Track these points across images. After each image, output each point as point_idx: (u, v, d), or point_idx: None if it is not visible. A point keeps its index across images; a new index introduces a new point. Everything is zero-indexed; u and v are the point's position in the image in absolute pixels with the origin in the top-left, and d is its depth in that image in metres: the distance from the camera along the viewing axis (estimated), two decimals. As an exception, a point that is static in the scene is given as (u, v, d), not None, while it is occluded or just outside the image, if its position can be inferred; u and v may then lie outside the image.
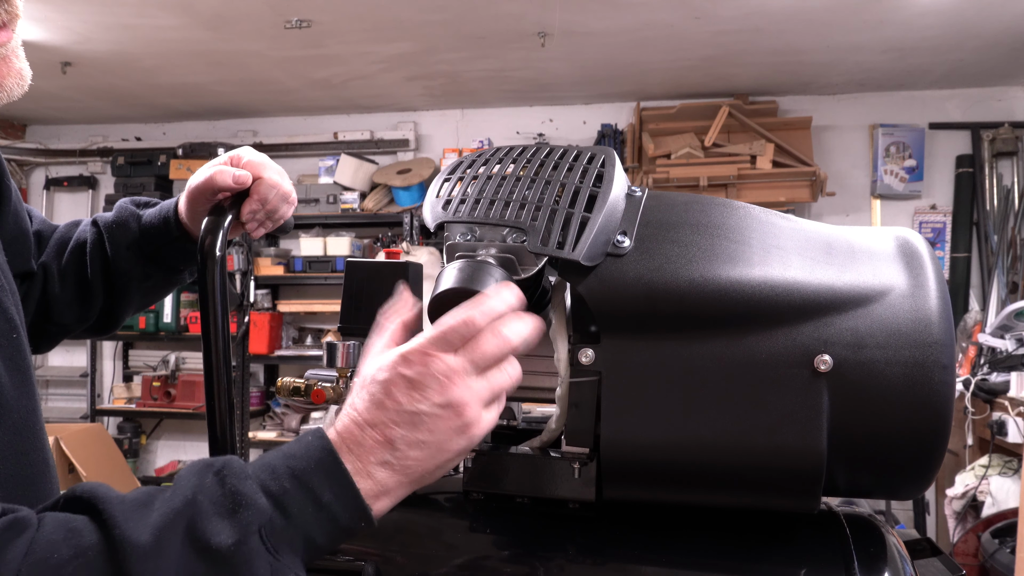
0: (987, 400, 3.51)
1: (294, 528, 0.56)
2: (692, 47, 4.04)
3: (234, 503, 0.55)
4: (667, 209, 0.78)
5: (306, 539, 0.57)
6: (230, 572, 0.54)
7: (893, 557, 0.73)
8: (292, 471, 0.58)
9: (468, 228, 0.75)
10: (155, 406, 5.10)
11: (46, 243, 1.05)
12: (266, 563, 0.55)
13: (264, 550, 0.55)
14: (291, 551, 0.56)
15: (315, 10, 3.57)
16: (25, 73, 0.80)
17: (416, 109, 5.28)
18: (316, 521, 0.57)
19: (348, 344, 0.89)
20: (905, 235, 0.78)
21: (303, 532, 0.57)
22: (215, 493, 0.56)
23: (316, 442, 0.60)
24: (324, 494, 0.57)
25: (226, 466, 0.57)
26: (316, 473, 0.58)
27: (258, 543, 0.55)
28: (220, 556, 0.54)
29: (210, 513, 0.54)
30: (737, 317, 0.69)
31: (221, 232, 0.86)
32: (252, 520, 0.55)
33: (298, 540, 0.57)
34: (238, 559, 0.54)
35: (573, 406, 0.74)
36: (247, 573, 0.54)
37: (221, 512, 0.55)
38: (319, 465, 0.58)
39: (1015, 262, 4.47)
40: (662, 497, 0.74)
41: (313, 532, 0.57)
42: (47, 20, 3.70)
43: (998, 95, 4.68)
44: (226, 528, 0.54)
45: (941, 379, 0.67)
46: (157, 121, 5.63)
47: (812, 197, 4.42)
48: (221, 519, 0.54)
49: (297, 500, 0.57)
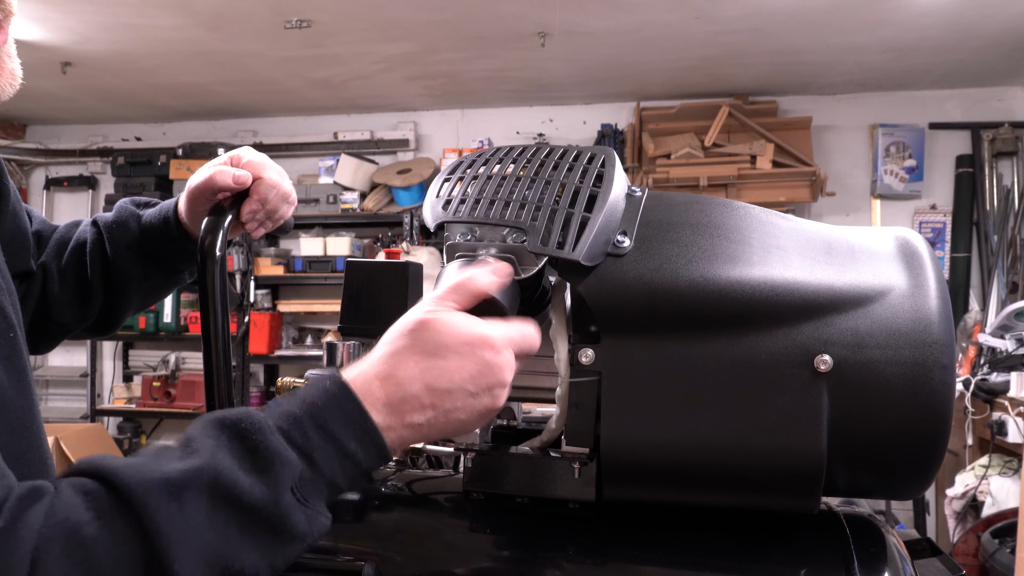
0: (987, 400, 3.51)
1: (320, 477, 0.58)
2: (692, 47, 4.04)
3: (264, 460, 0.56)
4: (667, 209, 0.78)
5: (330, 485, 0.59)
6: (267, 525, 0.55)
7: (893, 557, 0.73)
8: (315, 421, 0.59)
9: (468, 228, 0.75)
10: (155, 406, 5.10)
11: (46, 243, 1.05)
12: (301, 514, 0.56)
13: (297, 503, 0.56)
14: (318, 497, 0.58)
15: (315, 10, 3.57)
16: (17, 73, 0.80)
17: (416, 109, 5.28)
18: (341, 468, 0.59)
19: (348, 344, 0.89)
20: (905, 235, 0.78)
21: (328, 479, 0.59)
22: (237, 449, 0.56)
23: (335, 388, 0.61)
24: (350, 443, 0.59)
25: (243, 421, 0.57)
26: (340, 422, 0.59)
27: (290, 497, 0.56)
28: (254, 510, 0.54)
29: (235, 469, 0.55)
30: (737, 317, 0.69)
31: (221, 232, 0.86)
32: (285, 477, 0.56)
33: (324, 487, 0.59)
34: (274, 514, 0.55)
35: (573, 406, 0.74)
36: (284, 525, 0.55)
37: (248, 468, 0.55)
38: (343, 413, 0.59)
39: (1015, 262, 4.47)
40: (662, 497, 0.74)
41: (337, 477, 0.59)
42: (47, 20, 3.70)
43: (998, 95, 4.68)
44: (258, 485, 0.55)
45: (941, 379, 0.67)
46: (157, 121, 5.63)
47: (812, 197, 4.42)
48: (249, 475, 0.55)
49: (323, 451, 0.58)
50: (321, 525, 0.58)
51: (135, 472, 0.53)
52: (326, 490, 0.59)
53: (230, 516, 0.54)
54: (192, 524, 0.52)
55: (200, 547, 0.52)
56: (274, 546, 0.56)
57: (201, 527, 0.52)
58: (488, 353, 0.63)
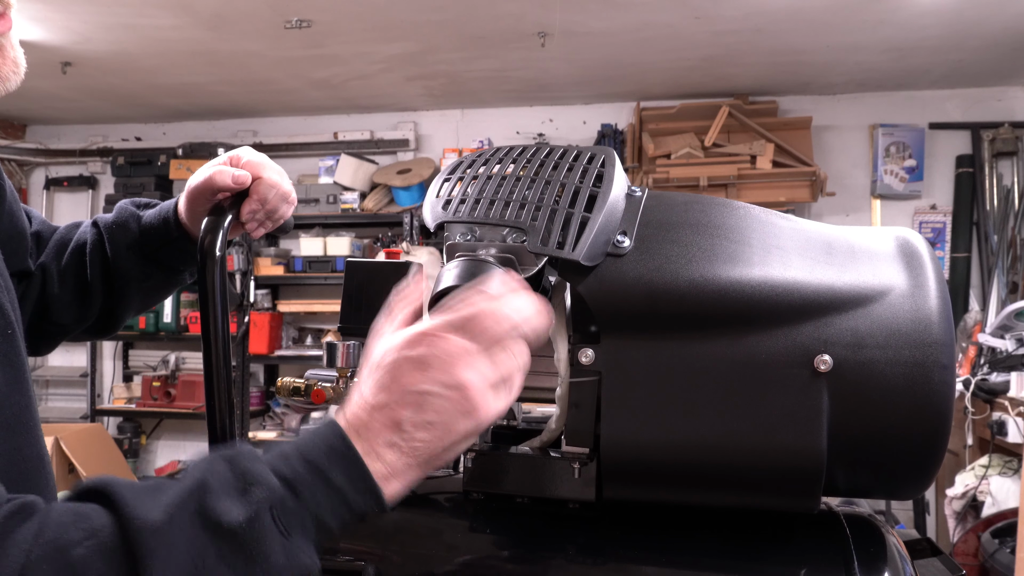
0: (987, 400, 3.51)
1: (305, 509, 0.56)
2: (692, 47, 4.04)
3: (244, 482, 0.55)
4: (667, 209, 0.78)
5: (317, 521, 0.57)
6: (242, 550, 0.54)
7: (893, 557, 0.73)
8: (303, 455, 0.58)
9: (468, 228, 0.75)
10: (155, 406, 5.10)
11: (45, 244, 1.05)
12: (278, 542, 0.55)
13: (276, 530, 0.55)
14: (303, 533, 0.56)
15: (315, 10, 3.57)
16: (20, 62, 0.79)
17: (416, 109, 5.28)
18: (328, 502, 0.57)
19: (348, 344, 0.89)
20: (905, 235, 0.78)
21: (314, 513, 0.57)
22: (225, 475, 0.56)
23: (325, 428, 0.60)
24: (335, 475, 0.57)
25: (237, 452, 0.58)
26: (326, 455, 0.58)
27: (270, 522, 0.54)
28: (232, 533, 0.53)
29: (220, 493, 0.54)
30: (737, 317, 0.69)
31: (221, 232, 0.86)
32: (262, 498, 0.55)
33: (310, 522, 0.57)
34: (250, 537, 0.54)
35: (573, 406, 0.74)
36: (259, 551, 0.54)
37: (231, 492, 0.55)
38: (329, 448, 0.58)
39: (1015, 262, 4.47)
40: (662, 497, 0.74)
41: (325, 514, 0.57)
42: (47, 20, 3.70)
43: (998, 95, 4.68)
44: (236, 506, 0.54)
45: (941, 379, 0.67)
46: (157, 121, 5.63)
47: (812, 197, 4.42)
48: (231, 498, 0.54)
49: (307, 481, 0.57)
50: (302, 563, 0.56)
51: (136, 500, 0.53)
52: (313, 526, 0.57)
53: (209, 540, 0.53)
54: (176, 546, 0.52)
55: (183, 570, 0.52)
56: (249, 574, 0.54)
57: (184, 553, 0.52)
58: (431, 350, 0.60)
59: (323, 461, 0.58)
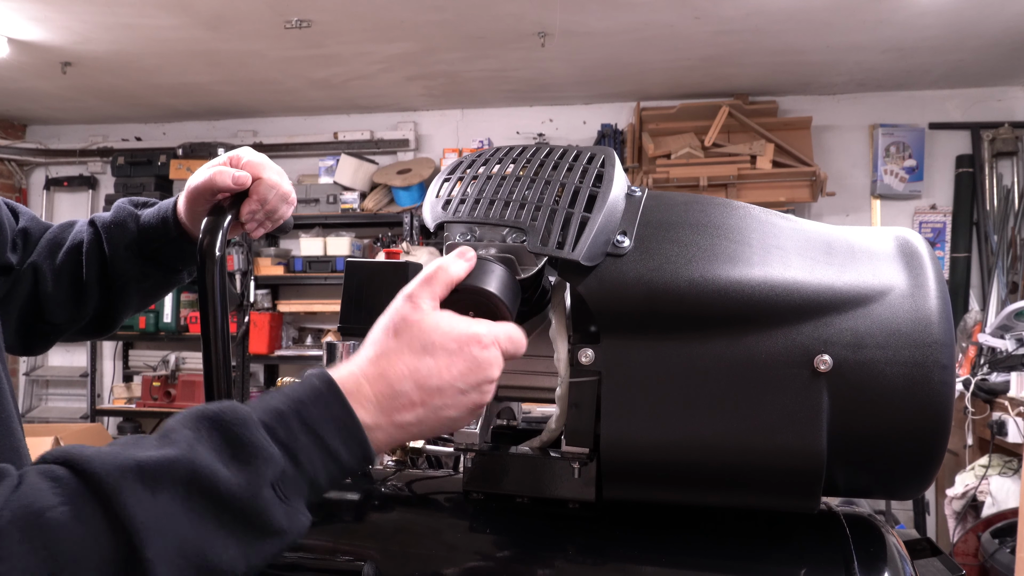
0: (987, 400, 3.51)
1: (303, 476, 0.57)
2: (692, 47, 4.04)
3: (245, 453, 0.55)
4: (667, 209, 0.78)
5: (312, 484, 0.58)
6: (245, 522, 0.54)
7: (893, 557, 0.73)
8: (301, 418, 0.58)
9: (468, 228, 0.75)
10: (155, 406, 5.10)
11: (35, 242, 1.04)
12: (281, 511, 0.55)
13: (277, 499, 0.55)
14: (299, 496, 0.57)
15: (315, 10, 3.57)
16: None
17: (416, 109, 5.28)
18: (324, 467, 0.58)
19: (348, 344, 0.89)
20: (905, 235, 0.78)
21: (311, 478, 0.58)
22: (217, 441, 0.55)
23: (323, 386, 0.60)
24: (333, 441, 0.58)
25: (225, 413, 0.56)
26: (326, 420, 0.58)
27: (271, 494, 0.55)
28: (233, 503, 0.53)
29: (213, 461, 0.53)
30: (737, 317, 0.69)
31: (221, 232, 0.86)
32: (267, 472, 0.55)
33: (305, 486, 0.58)
34: (254, 509, 0.54)
35: (573, 406, 0.74)
36: (263, 522, 0.54)
37: (227, 460, 0.54)
38: (329, 411, 0.59)
39: (1015, 262, 4.47)
40: (662, 497, 0.74)
41: (320, 477, 0.58)
42: (47, 20, 3.70)
43: (998, 95, 4.68)
44: (236, 478, 0.54)
45: (941, 379, 0.67)
46: (157, 121, 5.63)
47: (812, 197, 4.42)
48: (228, 467, 0.54)
49: (308, 450, 0.57)
50: (301, 524, 0.57)
51: (106, 458, 0.51)
52: (308, 489, 0.58)
53: (206, 507, 0.52)
54: (165, 512, 0.51)
55: (174, 536, 0.51)
56: (252, 541, 0.54)
57: (175, 516, 0.51)
58: (476, 349, 0.63)
59: (323, 426, 0.58)
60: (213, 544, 0.52)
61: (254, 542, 0.54)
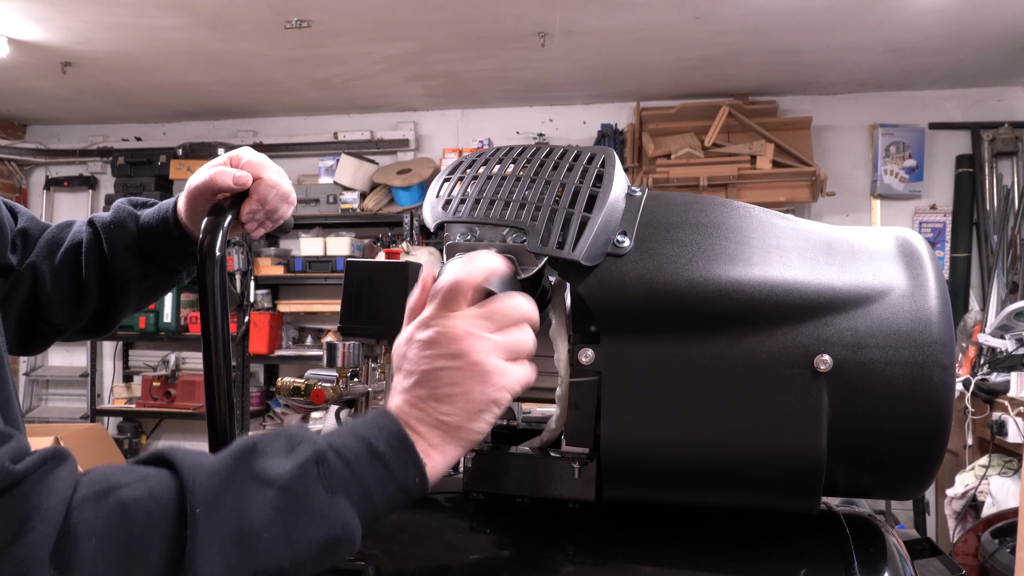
0: (987, 400, 3.51)
1: (352, 475, 0.59)
2: (692, 47, 4.04)
3: (291, 444, 0.59)
4: (667, 209, 0.78)
5: (363, 489, 0.59)
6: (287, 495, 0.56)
7: (893, 557, 0.73)
8: (350, 429, 0.62)
9: (468, 228, 0.75)
10: (155, 406, 5.10)
11: (34, 242, 1.04)
12: (322, 494, 0.57)
13: (320, 484, 0.57)
14: (347, 498, 0.59)
15: (315, 10, 3.57)
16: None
17: (416, 109, 5.28)
18: (372, 470, 0.60)
19: (348, 344, 0.89)
20: (905, 235, 0.78)
21: (360, 480, 0.59)
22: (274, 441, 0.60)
23: (374, 412, 0.64)
24: (379, 445, 0.61)
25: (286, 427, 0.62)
26: (370, 428, 0.62)
27: (315, 474, 0.57)
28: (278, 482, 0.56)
29: (269, 453, 0.58)
30: (737, 317, 0.69)
31: (221, 232, 0.86)
32: (308, 452, 0.58)
33: (355, 489, 0.59)
34: (295, 484, 0.56)
35: (573, 406, 0.74)
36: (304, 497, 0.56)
37: (279, 452, 0.58)
38: (373, 423, 0.62)
39: (1015, 262, 4.47)
40: (662, 497, 0.74)
41: (370, 482, 0.60)
42: (47, 20, 3.70)
43: (998, 95, 4.68)
44: (284, 461, 0.57)
45: (941, 379, 0.67)
46: (157, 121, 5.63)
47: (812, 197, 4.42)
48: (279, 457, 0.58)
49: (353, 449, 0.60)
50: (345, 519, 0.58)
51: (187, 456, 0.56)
52: (358, 494, 0.59)
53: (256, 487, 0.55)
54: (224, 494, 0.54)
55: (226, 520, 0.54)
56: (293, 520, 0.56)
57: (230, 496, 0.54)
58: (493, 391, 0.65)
59: (367, 432, 0.61)
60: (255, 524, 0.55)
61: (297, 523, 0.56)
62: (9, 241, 0.99)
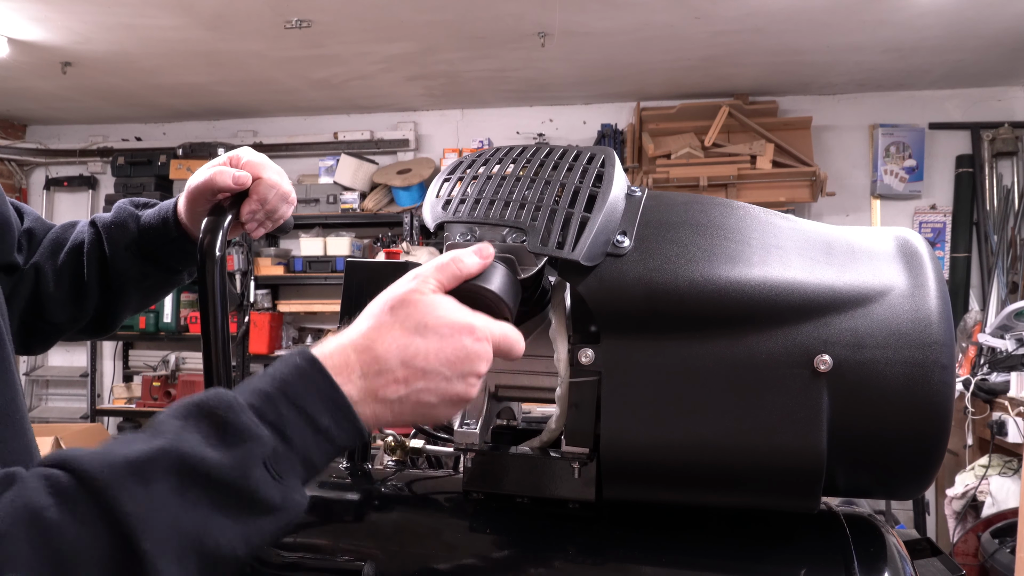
0: (987, 400, 3.51)
1: (295, 454, 0.58)
2: (692, 47, 4.04)
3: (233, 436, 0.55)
4: (667, 209, 0.78)
5: (305, 462, 0.59)
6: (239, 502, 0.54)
7: (893, 557, 0.73)
8: (287, 396, 0.58)
9: (468, 228, 0.75)
10: (155, 406, 5.10)
11: (39, 242, 1.04)
12: (275, 489, 0.56)
13: (269, 477, 0.56)
14: (293, 474, 0.58)
15: (315, 10, 3.57)
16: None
17: (416, 109, 5.28)
18: (315, 444, 0.59)
19: (342, 332, 0.88)
20: (905, 235, 0.78)
21: (303, 456, 0.58)
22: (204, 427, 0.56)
23: (305, 364, 0.60)
24: (322, 418, 0.59)
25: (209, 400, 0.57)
26: (312, 397, 0.59)
27: (263, 472, 0.56)
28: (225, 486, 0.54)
29: (202, 446, 0.54)
30: (737, 317, 0.69)
31: (221, 232, 0.86)
32: (256, 452, 0.55)
33: (298, 464, 0.58)
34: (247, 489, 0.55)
35: (573, 406, 0.74)
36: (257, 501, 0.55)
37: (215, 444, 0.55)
38: (315, 388, 0.59)
39: (1015, 262, 4.47)
40: (662, 497, 0.74)
41: (312, 454, 0.59)
42: (47, 20, 3.70)
43: (998, 95, 4.68)
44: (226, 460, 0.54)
45: (941, 379, 0.67)
46: (157, 121, 5.63)
47: (812, 197, 4.42)
48: (217, 450, 0.54)
49: (296, 426, 0.58)
50: (296, 502, 0.58)
51: (97, 457, 0.52)
52: (301, 467, 0.58)
53: (200, 493, 0.53)
54: (158, 502, 0.51)
55: (170, 524, 0.51)
56: (249, 521, 0.55)
57: (169, 505, 0.52)
58: (468, 340, 0.63)
59: (309, 403, 0.59)
60: (210, 528, 0.53)
61: (251, 522, 0.55)
62: (16, 241, 0.99)
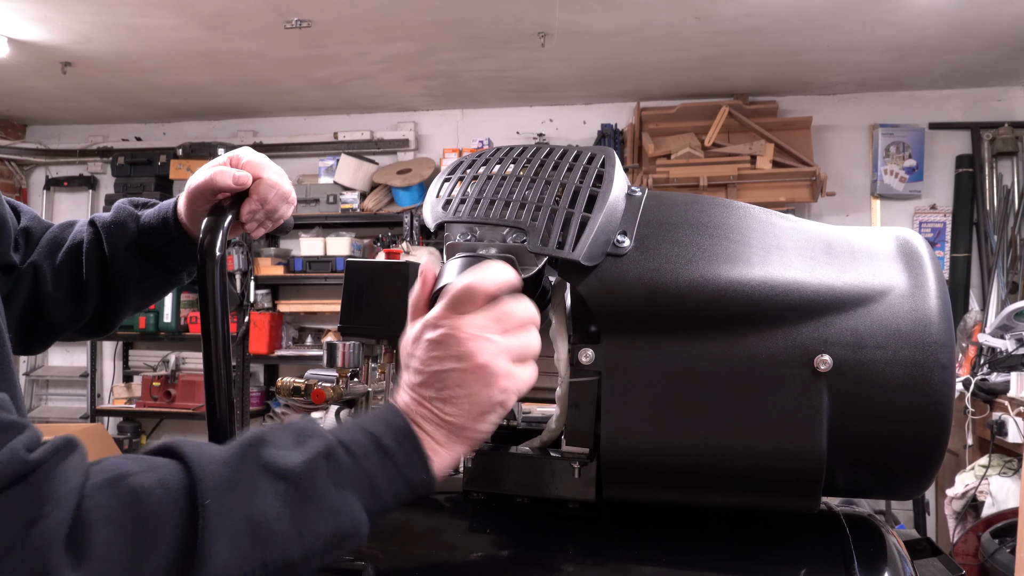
0: (987, 400, 3.51)
1: (359, 469, 0.60)
2: (692, 47, 4.04)
3: (299, 437, 0.60)
4: (667, 209, 0.78)
5: (371, 484, 0.60)
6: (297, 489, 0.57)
7: (893, 557, 0.73)
8: (357, 424, 0.63)
9: (468, 228, 0.75)
10: (155, 406, 5.10)
11: (36, 241, 1.04)
12: (332, 488, 0.58)
13: (329, 478, 0.58)
14: (356, 492, 0.59)
15: (315, 10, 3.57)
16: None
17: (416, 109, 5.28)
18: (380, 465, 0.61)
19: (348, 344, 0.89)
20: (905, 235, 0.78)
21: (368, 475, 0.60)
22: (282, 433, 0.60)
23: (381, 407, 0.66)
24: (387, 440, 0.62)
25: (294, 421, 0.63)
26: (377, 423, 0.63)
27: (324, 468, 0.58)
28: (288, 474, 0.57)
29: (278, 444, 0.58)
30: (737, 317, 0.69)
31: (221, 232, 0.86)
32: (318, 446, 0.59)
33: (363, 483, 0.60)
34: (305, 477, 0.57)
35: (573, 406, 0.74)
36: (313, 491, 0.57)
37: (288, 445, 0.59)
38: (380, 419, 0.64)
39: (1015, 262, 4.47)
40: (662, 497, 0.74)
41: (377, 477, 0.61)
42: (47, 20, 3.70)
43: (998, 95, 4.68)
44: (293, 454, 0.58)
45: (941, 379, 0.67)
46: (157, 121, 5.63)
47: (812, 197, 4.42)
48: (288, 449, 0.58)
49: (360, 444, 0.61)
50: (353, 514, 0.59)
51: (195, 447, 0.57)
52: (366, 489, 0.60)
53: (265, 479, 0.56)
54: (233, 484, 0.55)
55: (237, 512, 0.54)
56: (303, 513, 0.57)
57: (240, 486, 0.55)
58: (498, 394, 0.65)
59: (375, 427, 0.62)
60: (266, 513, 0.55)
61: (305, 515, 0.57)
62: (12, 240, 0.99)
